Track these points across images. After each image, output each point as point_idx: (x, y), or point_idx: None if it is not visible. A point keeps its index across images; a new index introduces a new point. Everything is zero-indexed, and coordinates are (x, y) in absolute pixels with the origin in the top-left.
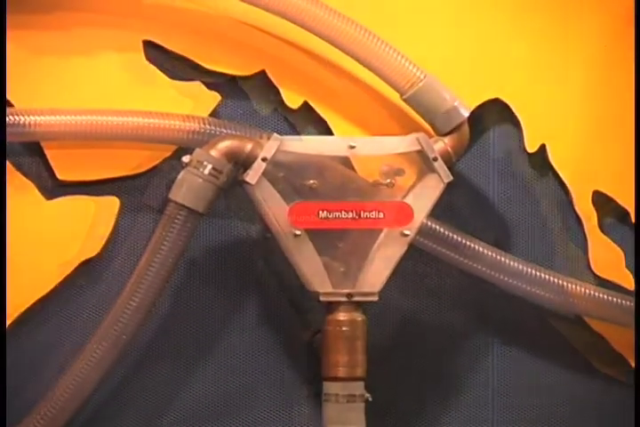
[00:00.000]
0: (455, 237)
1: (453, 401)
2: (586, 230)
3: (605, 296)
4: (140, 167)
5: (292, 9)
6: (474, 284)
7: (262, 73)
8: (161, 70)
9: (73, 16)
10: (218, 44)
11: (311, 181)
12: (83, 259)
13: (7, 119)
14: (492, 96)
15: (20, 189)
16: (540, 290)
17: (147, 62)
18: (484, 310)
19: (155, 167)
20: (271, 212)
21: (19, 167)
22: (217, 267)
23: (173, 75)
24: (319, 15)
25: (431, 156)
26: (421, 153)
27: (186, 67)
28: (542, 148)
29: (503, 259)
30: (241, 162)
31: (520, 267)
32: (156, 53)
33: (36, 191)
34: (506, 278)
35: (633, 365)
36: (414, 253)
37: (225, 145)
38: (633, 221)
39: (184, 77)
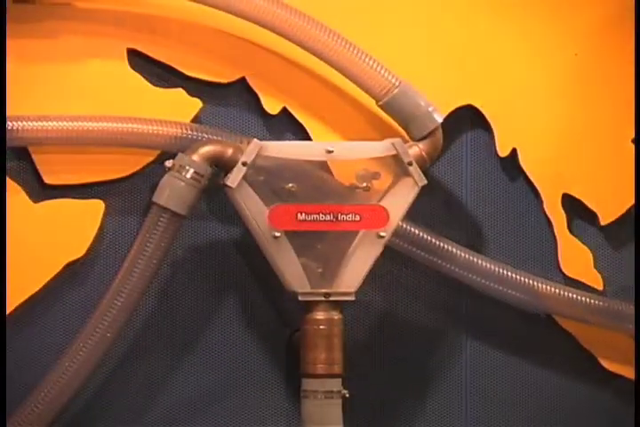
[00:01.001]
0: (429, 238)
1: (427, 399)
2: (555, 232)
3: (574, 295)
4: (125, 171)
5: (269, 17)
6: (448, 284)
7: (242, 80)
8: (144, 78)
9: (61, 25)
10: (199, 53)
11: (290, 185)
12: (69, 260)
13: None
14: (465, 102)
15: (9, 193)
16: (511, 289)
17: (131, 70)
18: (457, 309)
19: (138, 171)
20: (251, 214)
21: (7, 171)
22: (199, 267)
23: (156, 82)
24: (296, 23)
25: (406, 160)
26: (396, 157)
27: (168, 74)
28: (513, 152)
29: (475, 259)
30: (222, 166)
31: (491, 267)
32: (140, 61)
33: (24, 195)
34: (478, 279)
35: (602, 362)
36: (390, 254)
37: (206, 150)
38: (634, 221)
39: (167, 84)
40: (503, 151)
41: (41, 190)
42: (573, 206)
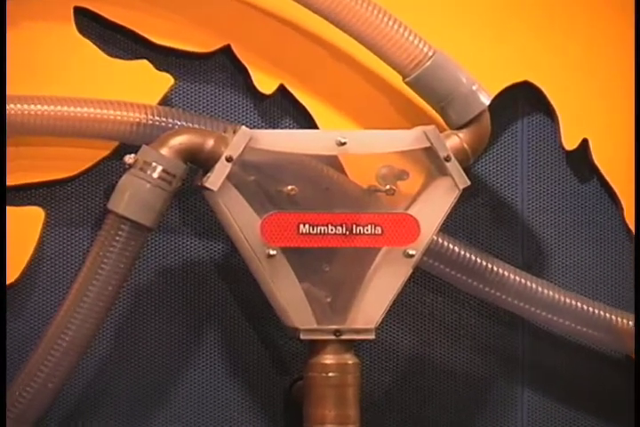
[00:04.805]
0: (473, 258)
1: None
2: None
3: None
4: (71, 170)
5: None
6: (497, 317)
7: (226, 49)
8: (97, 45)
9: None
10: (170, 14)
11: (289, 187)
12: None
13: None
14: (520, 79)
15: None
16: (581, 325)
17: (79, 35)
18: (511, 350)
19: (89, 169)
20: (238, 226)
21: None
22: (170, 296)
23: (113, 51)
24: None
25: (442, 154)
26: (430, 151)
27: (129, 41)
28: (584, 144)
29: (534, 286)
30: (200, 162)
31: (555, 296)
32: (92, 24)
33: None
34: (537, 311)
35: None
36: (421, 278)
37: (179, 141)
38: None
39: (127, 55)
40: (571, 143)
41: None
42: None
